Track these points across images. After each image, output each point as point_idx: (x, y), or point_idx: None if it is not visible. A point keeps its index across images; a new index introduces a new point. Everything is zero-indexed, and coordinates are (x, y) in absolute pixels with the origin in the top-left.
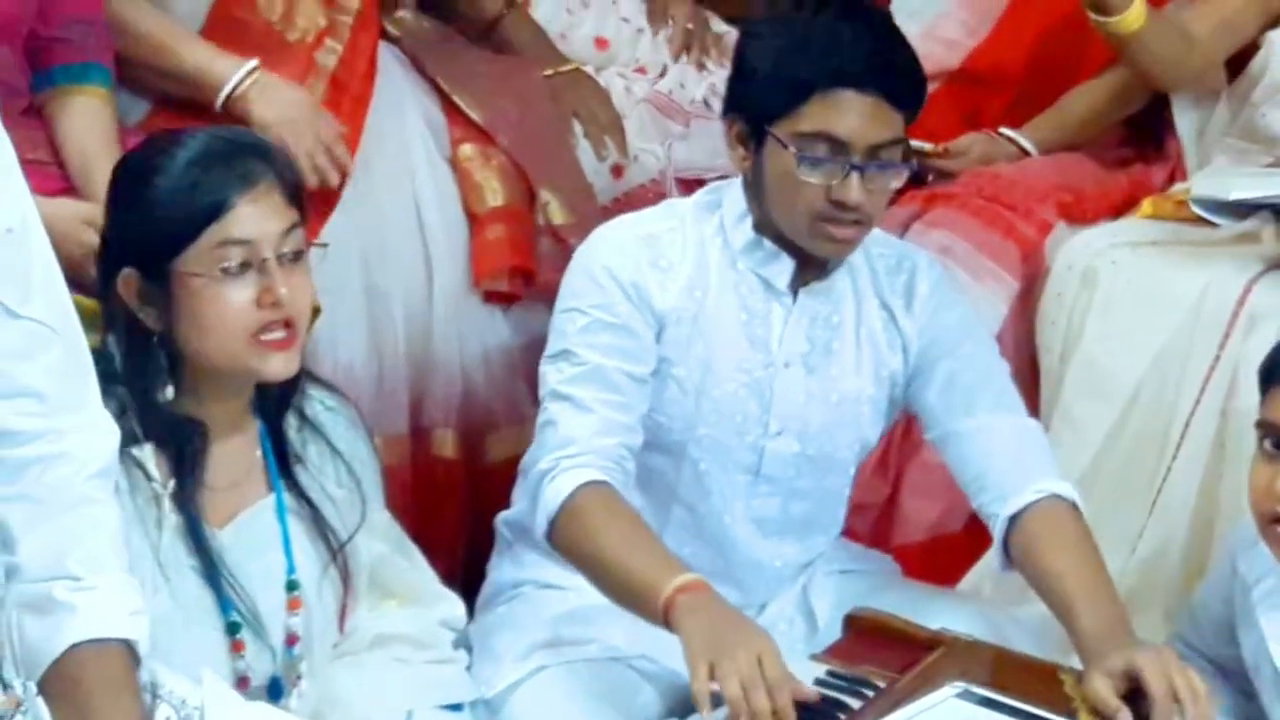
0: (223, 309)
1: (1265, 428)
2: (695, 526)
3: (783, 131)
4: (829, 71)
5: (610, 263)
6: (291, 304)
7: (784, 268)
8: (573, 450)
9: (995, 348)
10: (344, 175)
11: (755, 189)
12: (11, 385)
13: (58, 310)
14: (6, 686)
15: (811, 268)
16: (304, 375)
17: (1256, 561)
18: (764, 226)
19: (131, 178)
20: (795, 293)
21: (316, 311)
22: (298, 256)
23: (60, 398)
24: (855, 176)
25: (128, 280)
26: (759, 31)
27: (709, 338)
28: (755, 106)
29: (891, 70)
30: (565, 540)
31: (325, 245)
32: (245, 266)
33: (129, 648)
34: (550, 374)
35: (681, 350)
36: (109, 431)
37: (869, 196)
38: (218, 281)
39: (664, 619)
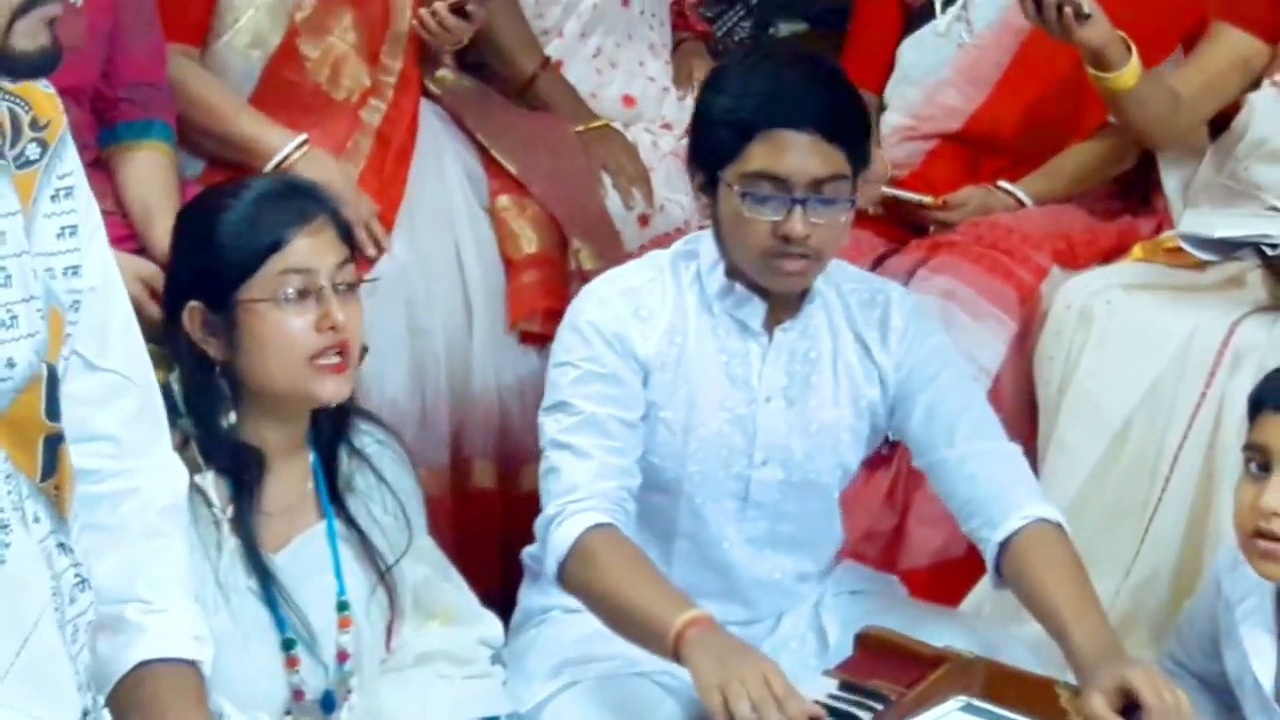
0: (283, 332)
1: (1250, 450)
2: (698, 555)
3: (731, 175)
4: (768, 113)
5: (594, 318)
6: (346, 330)
7: (756, 309)
8: (577, 495)
9: (969, 374)
10: (379, 250)
11: (719, 235)
12: (88, 430)
13: (134, 361)
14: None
15: (783, 308)
16: (354, 410)
17: (1240, 582)
18: (735, 272)
19: (198, 217)
20: (771, 331)
21: (363, 350)
22: (351, 288)
23: (133, 441)
24: (798, 210)
25: (193, 312)
26: (709, 83)
27: (691, 380)
28: (707, 154)
29: (827, 109)
30: (576, 581)
31: (376, 279)
32: (303, 294)
33: (195, 668)
34: (549, 424)
35: (667, 394)
36: (178, 473)
37: (814, 230)
38: (278, 307)
39: (673, 653)
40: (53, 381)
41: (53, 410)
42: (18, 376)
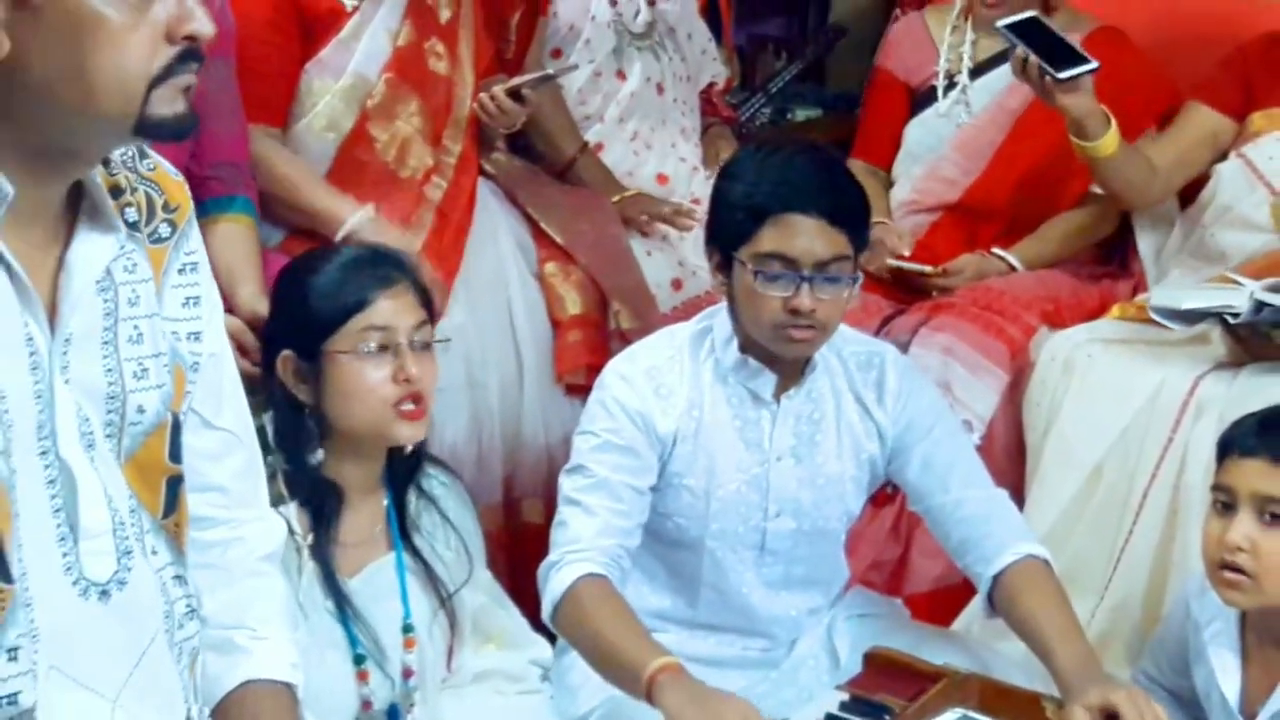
0: (363, 382)
1: (1217, 490)
2: (721, 600)
3: (745, 254)
4: (779, 200)
5: (619, 395)
6: (420, 382)
7: (767, 380)
8: (577, 547)
9: (959, 425)
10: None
11: (734, 310)
12: (204, 481)
13: (243, 422)
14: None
15: (790, 378)
16: (425, 456)
17: (1207, 607)
18: (748, 346)
19: (296, 276)
20: (779, 399)
21: None
22: (426, 346)
23: (239, 494)
24: (806, 288)
25: (286, 360)
26: (726, 171)
27: (710, 448)
28: (723, 236)
29: (833, 197)
30: (565, 623)
31: (448, 340)
32: (383, 349)
33: (290, 690)
34: (565, 484)
35: (688, 463)
36: (277, 525)
37: (820, 304)
38: (360, 359)
39: (646, 695)
40: (176, 429)
41: (175, 454)
42: (146, 422)
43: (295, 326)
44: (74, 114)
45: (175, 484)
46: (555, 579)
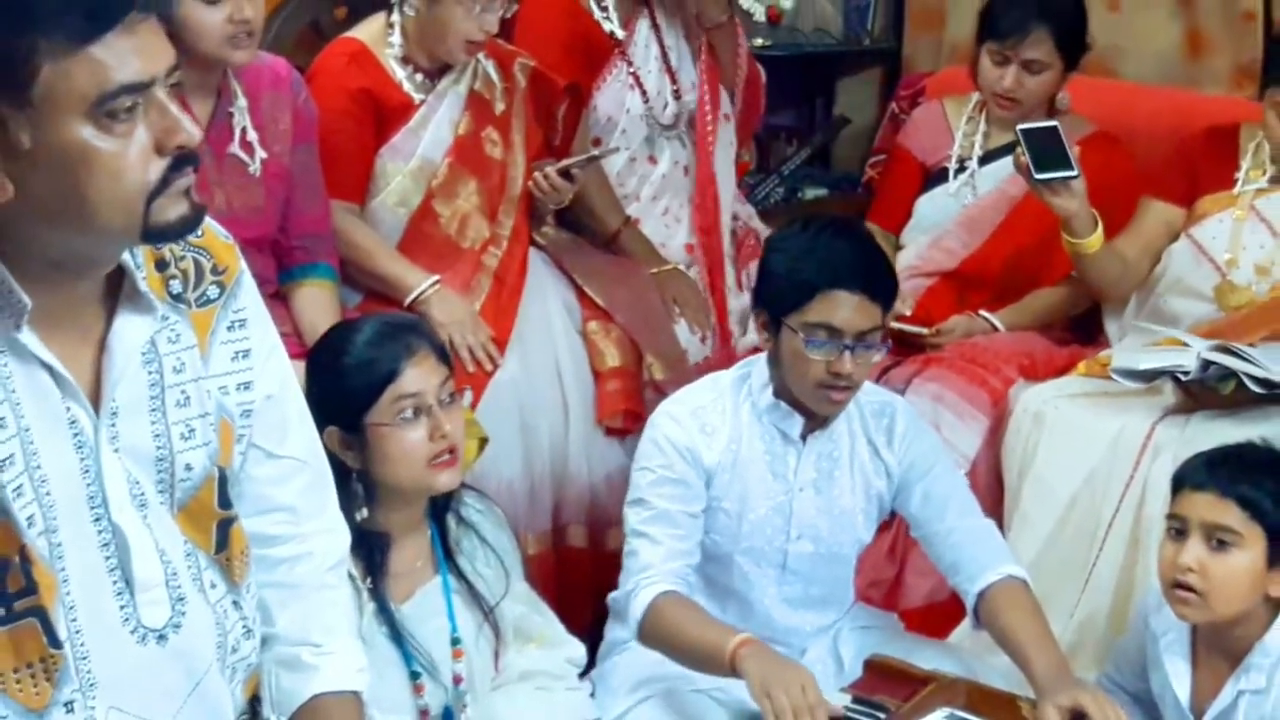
0: (404, 447)
1: (1171, 519)
2: (746, 610)
3: (794, 322)
4: (827, 278)
5: (669, 433)
6: (453, 435)
7: (796, 422)
8: (649, 574)
9: (954, 465)
10: (494, 365)
11: (774, 363)
12: (269, 504)
13: (308, 445)
14: None
15: (816, 421)
16: (461, 486)
17: (1163, 620)
18: (781, 392)
19: (326, 359)
20: (804, 438)
21: (484, 442)
22: (452, 398)
23: (307, 510)
24: (848, 355)
25: (331, 434)
26: (776, 244)
27: (744, 478)
28: (774, 302)
29: (872, 276)
30: (653, 635)
31: (468, 389)
32: (417, 413)
33: (357, 696)
34: (631, 515)
35: (726, 490)
36: (343, 532)
37: (857, 368)
38: (398, 427)
39: (730, 668)
40: (223, 480)
41: (224, 501)
42: (195, 477)
43: (335, 404)
44: (82, 235)
45: (225, 525)
46: (635, 603)
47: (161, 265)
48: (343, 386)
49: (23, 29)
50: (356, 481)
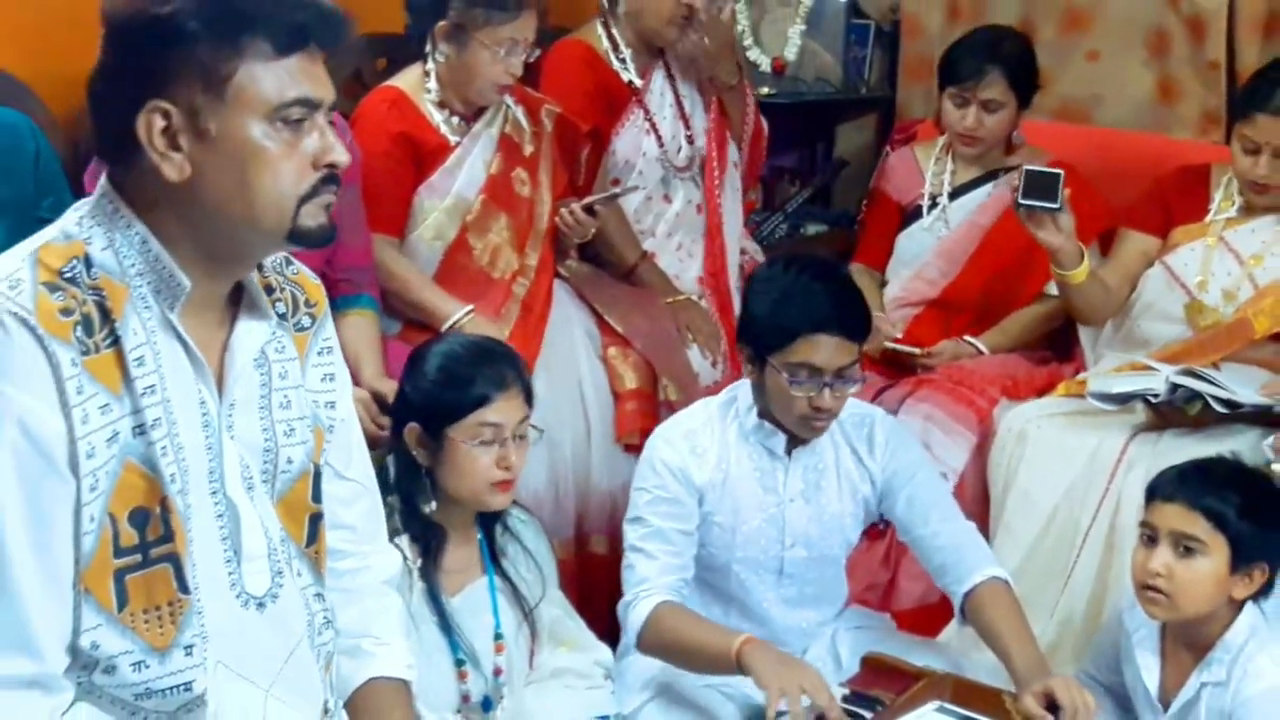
0: (473, 465)
1: (1143, 527)
2: (746, 614)
3: (778, 361)
4: (807, 324)
5: (663, 456)
6: (516, 467)
7: (780, 441)
8: (645, 586)
9: (937, 474)
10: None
11: (759, 393)
12: (338, 521)
13: (366, 473)
14: (326, 708)
15: (799, 439)
16: None
17: (1135, 618)
18: (765, 414)
19: (427, 365)
20: (790, 454)
21: None
22: (523, 436)
23: (365, 531)
24: (827, 390)
25: (412, 430)
26: (757, 286)
27: (735, 493)
28: (757, 342)
29: (849, 318)
30: (651, 644)
31: (541, 431)
32: (492, 440)
33: (406, 686)
34: (629, 532)
35: (718, 505)
36: (394, 556)
37: (836, 401)
38: (473, 447)
39: (736, 666)
40: (317, 476)
41: (316, 496)
42: (294, 470)
43: (424, 407)
44: (238, 225)
45: (316, 520)
46: (633, 614)
47: (268, 290)
48: (438, 395)
49: (236, 33)
50: (425, 477)
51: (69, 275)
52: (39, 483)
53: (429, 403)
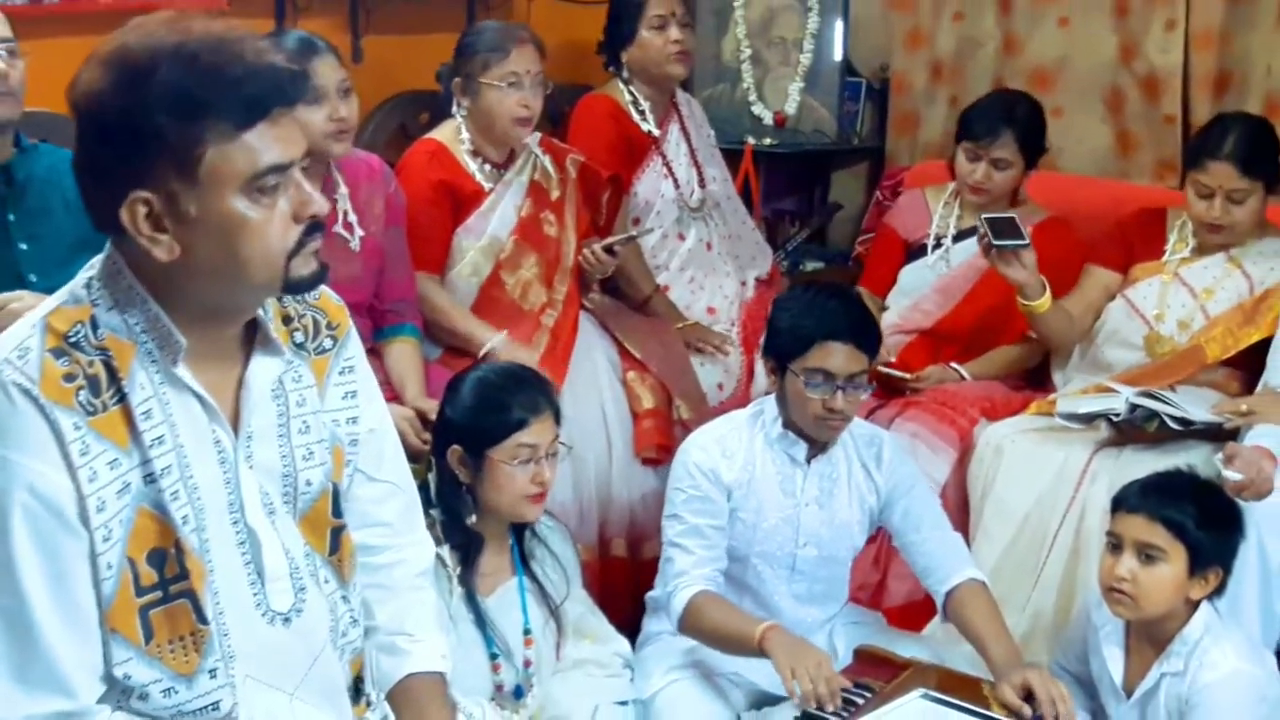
0: (511, 483)
1: (1110, 535)
2: (759, 604)
3: (796, 367)
4: (823, 331)
5: (696, 459)
6: (548, 482)
7: (801, 449)
8: (684, 579)
9: (929, 488)
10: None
11: (781, 400)
12: (371, 519)
13: (401, 473)
14: (369, 700)
15: (817, 447)
16: None
17: (1102, 615)
18: (788, 424)
19: (469, 390)
20: (809, 462)
21: None
22: (555, 454)
23: (400, 526)
24: (840, 394)
25: (454, 451)
26: (781, 304)
27: (758, 494)
28: (779, 351)
29: (860, 329)
30: (692, 627)
31: (570, 448)
32: (529, 460)
33: (442, 677)
34: (667, 528)
35: (742, 502)
36: (430, 546)
37: (848, 404)
38: (512, 466)
39: (759, 650)
40: (336, 494)
41: (336, 512)
42: (313, 491)
43: (466, 430)
44: (234, 287)
45: (338, 532)
46: (675, 601)
47: (287, 320)
48: (478, 421)
49: (196, 118)
50: (466, 493)
51: (74, 340)
52: (53, 538)
53: (470, 426)
